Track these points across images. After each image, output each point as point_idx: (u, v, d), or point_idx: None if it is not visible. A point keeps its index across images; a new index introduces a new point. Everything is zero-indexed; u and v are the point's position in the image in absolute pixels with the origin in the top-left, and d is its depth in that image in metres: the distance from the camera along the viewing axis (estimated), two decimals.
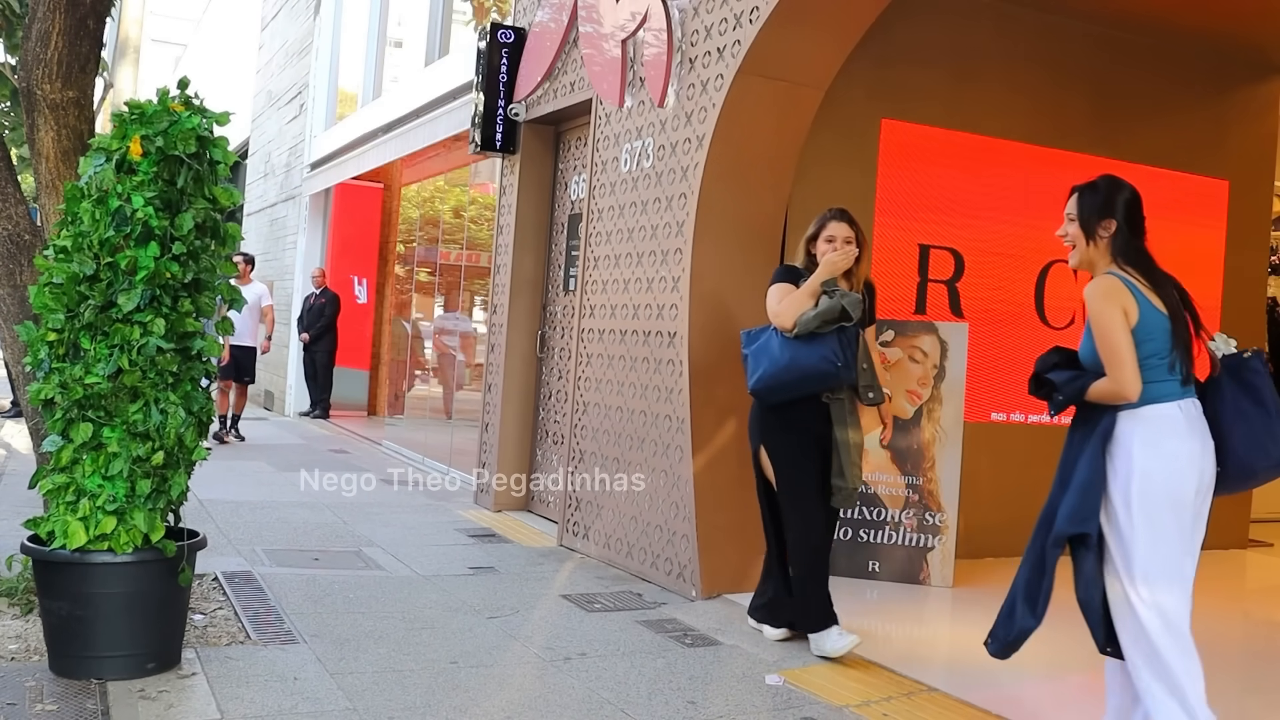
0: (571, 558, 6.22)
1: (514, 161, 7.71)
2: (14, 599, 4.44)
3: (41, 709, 3.44)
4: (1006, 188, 6.76)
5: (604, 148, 6.53)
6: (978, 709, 3.96)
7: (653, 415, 5.75)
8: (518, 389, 7.66)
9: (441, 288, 11.07)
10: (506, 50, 7.54)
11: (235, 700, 3.59)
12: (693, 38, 5.66)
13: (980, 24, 6.61)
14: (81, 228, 3.72)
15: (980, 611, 5.60)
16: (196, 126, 3.79)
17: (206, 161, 3.84)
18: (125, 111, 3.80)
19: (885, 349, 6.02)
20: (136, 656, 3.74)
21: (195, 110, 3.84)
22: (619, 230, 6.26)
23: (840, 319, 4.32)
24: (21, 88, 4.57)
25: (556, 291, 7.60)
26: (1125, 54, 7.06)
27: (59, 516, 3.71)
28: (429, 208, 11.97)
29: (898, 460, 5.98)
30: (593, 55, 6.56)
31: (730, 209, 5.54)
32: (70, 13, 4.46)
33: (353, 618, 4.66)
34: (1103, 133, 7.02)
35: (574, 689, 3.92)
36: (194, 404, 3.87)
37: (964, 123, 6.55)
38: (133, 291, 3.69)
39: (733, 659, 4.39)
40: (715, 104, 5.40)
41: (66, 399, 3.69)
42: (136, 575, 3.73)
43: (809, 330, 4.33)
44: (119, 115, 3.79)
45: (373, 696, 3.71)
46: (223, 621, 4.48)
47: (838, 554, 6.03)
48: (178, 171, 3.77)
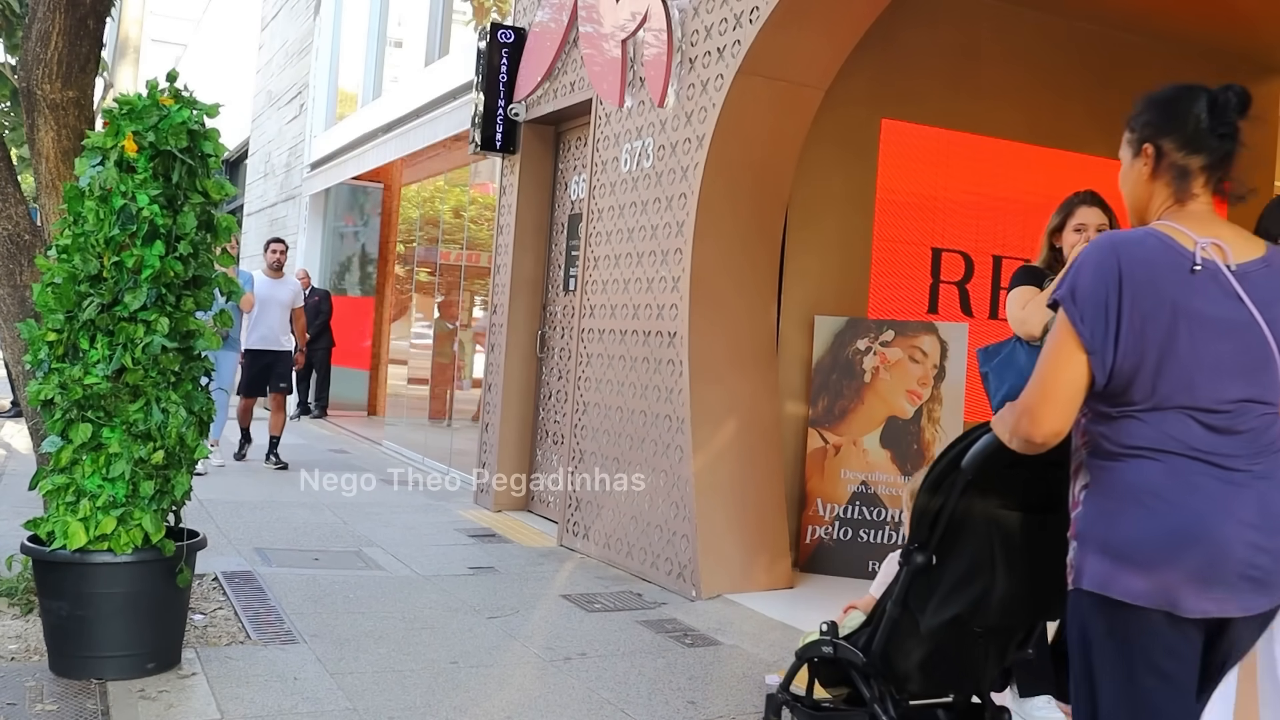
0: (571, 558, 6.22)
1: (514, 161, 7.71)
2: (14, 599, 4.44)
3: (41, 709, 3.44)
4: (1007, 188, 6.76)
5: (604, 148, 6.53)
6: None
7: (653, 415, 5.75)
8: (518, 389, 7.66)
9: (441, 288, 11.06)
10: (506, 50, 7.54)
11: (235, 700, 3.58)
12: (693, 38, 5.66)
13: (980, 24, 6.61)
14: (86, 227, 3.72)
15: None
16: (187, 120, 3.78)
17: (198, 155, 3.84)
18: (115, 108, 3.78)
19: (885, 349, 6.02)
20: (136, 656, 3.74)
21: (185, 103, 3.82)
22: (619, 230, 6.26)
23: None
24: (21, 88, 4.56)
25: (556, 291, 7.60)
26: (1125, 54, 7.06)
27: (59, 517, 3.70)
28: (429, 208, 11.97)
29: (898, 460, 5.99)
30: (593, 55, 6.56)
31: (730, 209, 5.53)
32: (70, 13, 4.46)
33: (353, 618, 4.66)
34: (1103, 133, 6.99)
35: (574, 689, 3.92)
36: (195, 403, 3.87)
37: (964, 123, 6.54)
38: (139, 290, 3.69)
39: (733, 659, 4.39)
40: (715, 104, 5.40)
41: (66, 399, 3.69)
42: (136, 575, 3.73)
43: None
44: (109, 112, 3.78)
45: (373, 696, 3.70)
46: (223, 621, 4.48)
47: (836, 554, 6.05)
48: (172, 166, 3.77)
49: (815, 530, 6.07)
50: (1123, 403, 2.05)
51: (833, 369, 6.12)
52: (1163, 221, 2.12)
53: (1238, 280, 2.05)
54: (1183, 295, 2.02)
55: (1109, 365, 2.02)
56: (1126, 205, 2.29)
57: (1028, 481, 2.39)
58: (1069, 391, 2.05)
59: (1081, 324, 2.03)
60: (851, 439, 6.07)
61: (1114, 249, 2.06)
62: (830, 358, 6.14)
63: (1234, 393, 2.02)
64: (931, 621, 2.58)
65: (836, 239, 6.29)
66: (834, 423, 6.10)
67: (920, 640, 2.65)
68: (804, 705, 3.12)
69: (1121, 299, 2.01)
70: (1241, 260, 2.08)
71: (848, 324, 6.14)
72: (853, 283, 6.36)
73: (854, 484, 6.04)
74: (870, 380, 6.05)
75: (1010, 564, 2.45)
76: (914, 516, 2.61)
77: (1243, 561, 1.97)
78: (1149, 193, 2.19)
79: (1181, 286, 2.03)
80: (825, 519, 6.06)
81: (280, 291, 9.29)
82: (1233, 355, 2.03)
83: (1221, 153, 2.17)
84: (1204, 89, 2.18)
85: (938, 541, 2.55)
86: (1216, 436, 2.02)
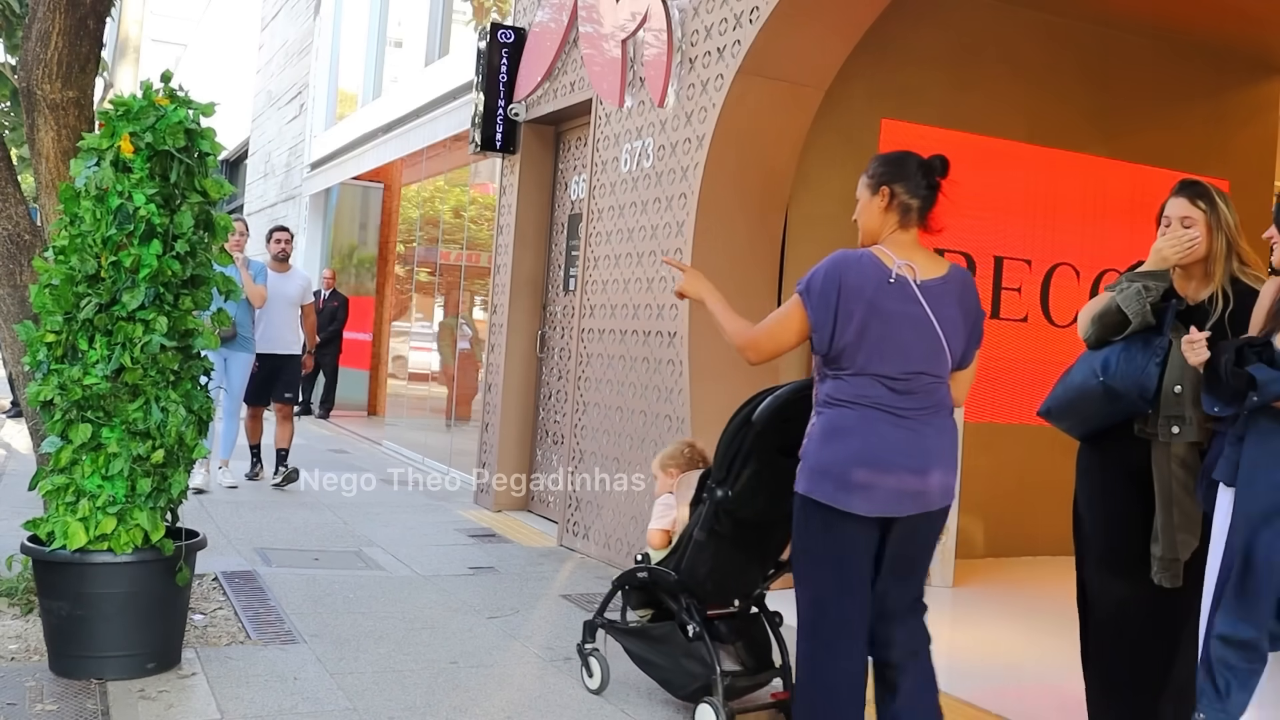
0: (571, 558, 6.21)
1: (514, 161, 7.71)
2: (14, 599, 4.44)
3: (41, 709, 3.44)
4: (1006, 188, 6.76)
5: (604, 148, 6.53)
6: (978, 709, 3.96)
7: (653, 415, 5.75)
8: (518, 389, 7.66)
9: (441, 288, 11.06)
10: (506, 50, 7.54)
11: (235, 700, 3.58)
12: (693, 38, 5.66)
13: (980, 24, 6.61)
14: (83, 227, 3.72)
15: (980, 611, 5.61)
16: (184, 120, 3.77)
17: (195, 154, 3.84)
18: (111, 109, 3.78)
19: None
20: (136, 656, 3.74)
21: (180, 103, 3.82)
22: (619, 230, 6.26)
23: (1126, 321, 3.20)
24: (21, 88, 4.56)
25: (556, 291, 7.60)
26: (1125, 54, 7.06)
27: (59, 517, 3.70)
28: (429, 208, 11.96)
29: None
30: (593, 55, 6.56)
31: (730, 209, 5.53)
32: (70, 13, 4.46)
33: (353, 618, 4.66)
34: (1103, 133, 7.02)
35: (574, 689, 3.92)
36: (194, 402, 3.87)
37: (964, 123, 6.54)
38: (136, 290, 3.68)
39: None
40: (715, 104, 5.40)
41: (65, 400, 3.69)
42: (136, 575, 3.73)
43: (1091, 337, 3.32)
44: (105, 113, 3.78)
45: (373, 696, 3.70)
46: (223, 621, 4.48)
47: None
48: (169, 166, 3.77)
49: None
50: (838, 368, 2.97)
51: None
52: (878, 246, 3.02)
53: (921, 291, 2.96)
54: (880, 298, 2.93)
55: (828, 339, 2.93)
56: (862, 229, 3.13)
57: (794, 434, 3.11)
58: (783, 343, 3.06)
59: (811, 309, 2.95)
60: None
61: (840, 263, 2.97)
62: None
63: (911, 367, 2.94)
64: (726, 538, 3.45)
65: (836, 239, 6.26)
66: None
67: (716, 555, 3.49)
68: (617, 626, 3.89)
69: (839, 297, 2.92)
70: (926, 277, 2.99)
71: None
72: None
73: None
74: None
75: (774, 491, 3.25)
76: (716, 459, 3.43)
77: (898, 478, 2.92)
78: (881, 221, 3.07)
79: (880, 292, 2.93)
80: None
81: (286, 286, 8.05)
82: (912, 341, 2.94)
83: (929, 199, 3.05)
84: (917, 156, 3.09)
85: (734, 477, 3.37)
86: (896, 395, 2.93)
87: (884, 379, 2.92)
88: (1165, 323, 3.16)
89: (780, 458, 3.24)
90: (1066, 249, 6.97)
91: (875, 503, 2.91)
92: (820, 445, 2.95)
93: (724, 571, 3.54)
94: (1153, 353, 3.16)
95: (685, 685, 3.62)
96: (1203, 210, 3.24)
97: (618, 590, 3.88)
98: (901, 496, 2.93)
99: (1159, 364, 3.13)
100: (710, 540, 3.44)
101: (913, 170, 3.05)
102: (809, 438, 3.00)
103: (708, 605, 3.62)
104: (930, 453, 2.96)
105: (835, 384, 2.96)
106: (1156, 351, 3.15)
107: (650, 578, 3.70)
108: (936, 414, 2.99)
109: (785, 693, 3.68)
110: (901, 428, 2.93)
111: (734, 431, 3.40)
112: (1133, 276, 3.23)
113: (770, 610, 3.76)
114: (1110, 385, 3.19)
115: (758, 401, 3.40)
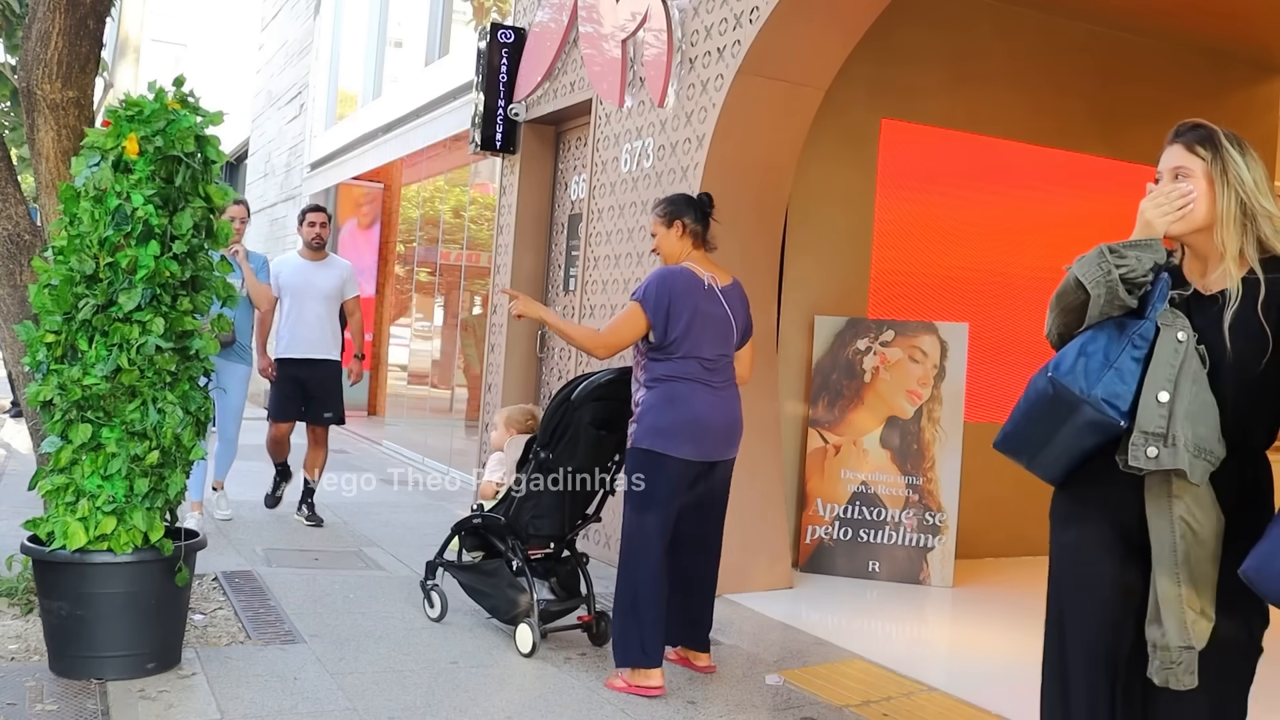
0: None
1: (514, 161, 7.71)
2: (14, 599, 4.44)
3: (41, 709, 3.44)
4: (1007, 187, 6.76)
5: (604, 148, 6.53)
6: (978, 709, 3.96)
7: None
8: (518, 389, 7.66)
9: (441, 288, 11.06)
10: (506, 50, 7.54)
11: (235, 700, 3.58)
12: (693, 38, 5.66)
13: (980, 24, 6.61)
14: (81, 227, 3.72)
15: (980, 611, 5.62)
16: (194, 125, 3.78)
17: (201, 160, 3.84)
18: (121, 110, 3.78)
19: (885, 349, 6.02)
20: (136, 656, 3.74)
21: (191, 109, 3.83)
22: (619, 230, 6.26)
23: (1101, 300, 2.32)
24: (21, 88, 4.56)
25: (556, 291, 7.60)
26: (1125, 54, 7.06)
27: (58, 517, 3.70)
28: (429, 208, 11.96)
29: (898, 460, 5.99)
30: (593, 55, 6.55)
31: (730, 209, 5.52)
32: (70, 13, 4.46)
33: (353, 618, 4.66)
34: (1103, 133, 7.02)
35: (574, 689, 3.92)
36: (191, 403, 3.86)
37: (964, 123, 6.55)
38: (133, 290, 3.68)
39: (733, 659, 4.39)
40: (715, 104, 5.40)
41: (65, 400, 3.69)
42: (136, 575, 3.73)
43: (1053, 330, 2.49)
44: (114, 112, 3.78)
45: (373, 696, 3.71)
46: (223, 621, 4.48)
47: (836, 554, 6.05)
48: (176, 170, 3.77)
49: (815, 530, 6.08)
50: (669, 352, 3.94)
51: (833, 369, 6.12)
52: (686, 263, 4.06)
53: (722, 294, 4.07)
54: (699, 301, 3.98)
55: (662, 333, 3.92)
56: (664, 254, 4.11)
57: (602, 411, 4.19)
58: (626, 340, 4.00)
59: (650, 312, 3.93)
60: (851, 439, 6.07)
61: (668, 277, 3.98)
62: (830, 358, 6.14)
63: (720, 350, 4.02)
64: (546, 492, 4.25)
65: (836, 239, 6.30)
66: (834, 423, 6.10)
67: (538, 505, 4.28)
68: (454, 565, 4.61)
69: (671, 301, 3.93)
70: (723, 285, 4.09)
71: (848, 324, 6.14)
72: (853, 283, 6.37)
73: (854, 484, 6.04)
74: (870, 380, 6.06)
75: (586, 454, 4.25)
76: (542, 427, 4.23)
77: (714, 432, 3.98)
78: (679, 246, 4.10)
79: (698, 296, 3.99)
80: (825, 519, 6.06)
81: (321, 278, 6.64)
82: (720, 332, 4.02)
83: (706, 225, 4.13)
84: (689, 194, 4.21)
85: (556, 443, 4.18)
86: (709, 373, 3.99)
87: (703, 360, 3.96)
88: (1152, 303, 2.30)
89: (593, 429, 4.20)
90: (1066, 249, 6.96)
91: (702, 450, 3.94)
92: (660, 411, 3.90)
93: (543, 518, 4.32)
94: (1129, 341, 2.27)
95: (509, 611, 4.34)
96: (1202, 159, 2.33)
97: (455, 534, 4.61)
98: (719, 445, 4.00)
99: (1137, 359, 2.26)
100: (533, 493, 4.25)
101: (694, 205, 4.10)
102: (645, 407, 3.93)
103: (529, 546, 4.39)
104: (734, 413, 4.05)
105: (666, 365, 3.94)
106: (1135, 341, 2.27)
107: (483, 523, 4.46)
108: (732, 385, 4.09)
109: (589, 616, 4.42)
110: (715, 395, 3.98)
111: (556, 406, 4.18)
112: (1112, 248, 2.33)
113: (579, 551, 4.54)
114: (1061, 384, 2.30)
115: (577, 384, 4.23)
